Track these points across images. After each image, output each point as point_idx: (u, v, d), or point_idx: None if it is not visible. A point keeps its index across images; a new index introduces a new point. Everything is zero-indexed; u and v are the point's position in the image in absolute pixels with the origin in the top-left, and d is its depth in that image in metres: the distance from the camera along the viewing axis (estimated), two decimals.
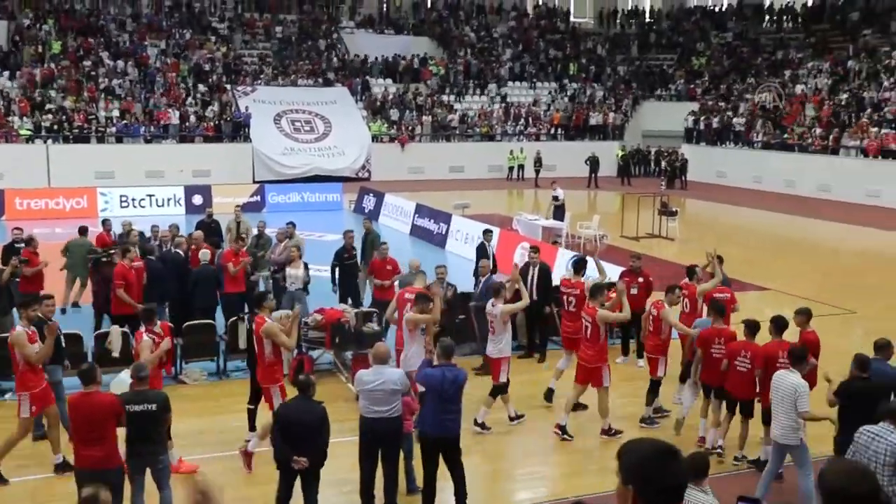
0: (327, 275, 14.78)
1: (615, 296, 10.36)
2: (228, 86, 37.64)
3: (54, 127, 32.84)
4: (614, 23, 50.99)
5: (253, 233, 15.76)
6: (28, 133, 32.35)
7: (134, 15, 40.84)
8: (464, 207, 24.49)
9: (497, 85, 43.43)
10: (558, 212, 23.37)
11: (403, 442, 8.22)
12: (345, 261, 14.20)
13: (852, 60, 37.74)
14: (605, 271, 12.32)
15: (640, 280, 12.55)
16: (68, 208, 26.57)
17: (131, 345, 11.26)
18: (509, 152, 38.71)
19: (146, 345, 8.82)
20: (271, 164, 34.32)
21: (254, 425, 9.61)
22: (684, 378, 10.90)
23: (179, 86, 36.94)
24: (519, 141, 40.10)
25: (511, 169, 38.65)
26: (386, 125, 38.77)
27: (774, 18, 45.98)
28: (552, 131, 41.55)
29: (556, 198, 23.82)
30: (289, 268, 13.32)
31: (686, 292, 11.10)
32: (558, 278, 13.69)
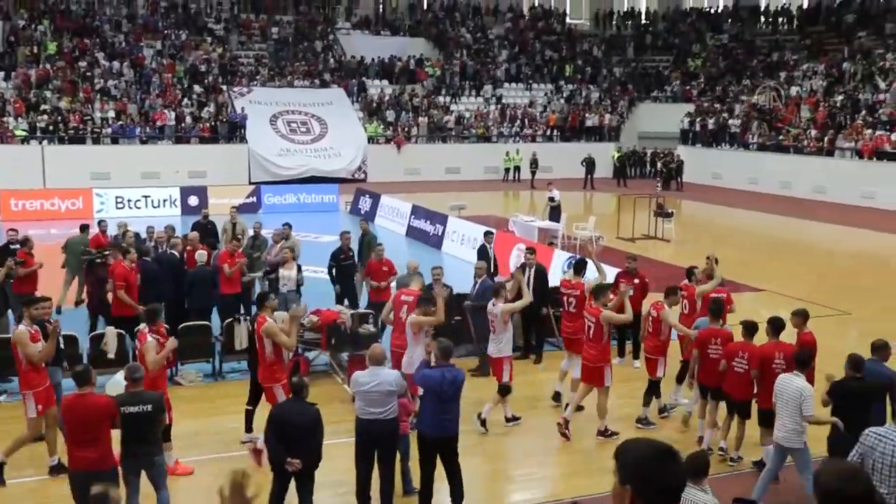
0: (323, 276, 14.78)
1: (616, 297, 10.40)
2: (224, 87, 37.60)
3: (50, 128, 32.77)
4: (610, 24, 51.06)
5: (249, 234, 15.73)
6: (23, 134, 32.26)
7: (129, 16, 40.77)
8: (460, 209, 24.50)
9: (493, 86, 43.45)
10: (554, 213, 23.38)
11: (400, 443, 8.21)
12: (341, 262, 14.20)
13: (847, 62, 37.83)
14: (605, 271, 12.34)
15: (636, 281, 12.55)
16: (64, 209, 26.52)
17: (127, 346, 11.28)
18: (505, 154, 38.70)
19: (151, 345, 8.68)
20: (267, 166, 34.30)
21: (251, 426, 9.60)
22: (681, 379, 10.92)
23: (175, 87, 36.88)
24: (515, 142, 40.11)
25: (507, 170, 38.64)
26: (382, 126, 38.75)
27: (770, 20, 46.13)
28: (548, 133, 41.57)
29: (552, 199, 23.83)
30: (282, 269, 13.31)
31: (685, 293, 11.17)
32: (554, 280, 13.71)
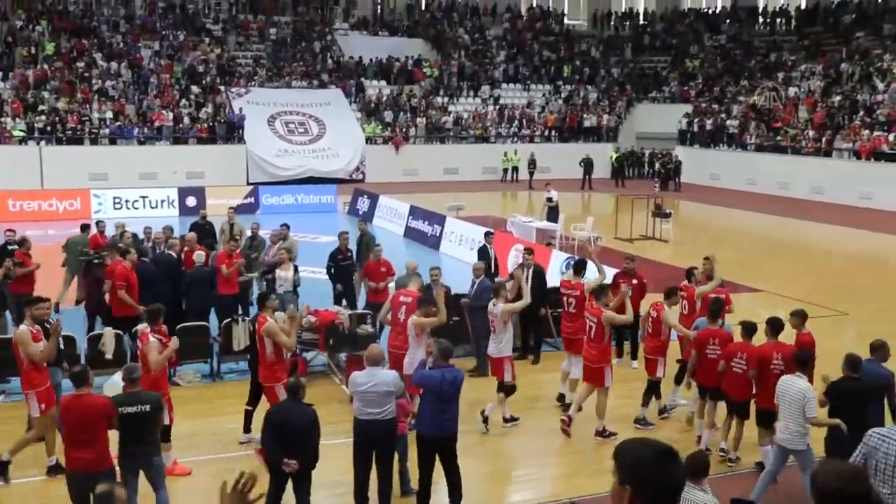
0: (320, 277, 14.77)
1: (617, 297, 10.41)
2: (222, 87, 37.58)
3: (47, 128, 32.73)
4: (608, 25, 51.08)
5: (246, 234, 15.72)
6: (21, 134, 32.22)
7: (127, 16, 40.73)
8: (458, 209, 24.48)
9: (491, 87, 43.45)
10: (552, 213, 23.38)
11: (398, 444, 8.20)
12: (339, 262, 14.21)
13: (845, 63, 37.85)
14: (605, 272, 12.34)
15: (634, 282, 12.55)
16: (61, 210, 26.50)
17: (125, 347, 11.27)
18: (503, 154, 38.70)
19: (153, 346, 8.65)
20: (265, 166, 34.28)
21: (249, 427, 9.58)
22: (680, 379, 10.93)
23: (173, 87, 36.85)
24: (513, 143, 40.11)
25: (505, 171, 38.63)
26: (380, 127, 38.74)
27: (768, 21, 46.16)
28: (546, 133, 41.55)
29: (549, 199, 23.83)
30: (279, 270, 13.32)
31: (685, 294, 11.21)
32: (552, 280, 13.71)
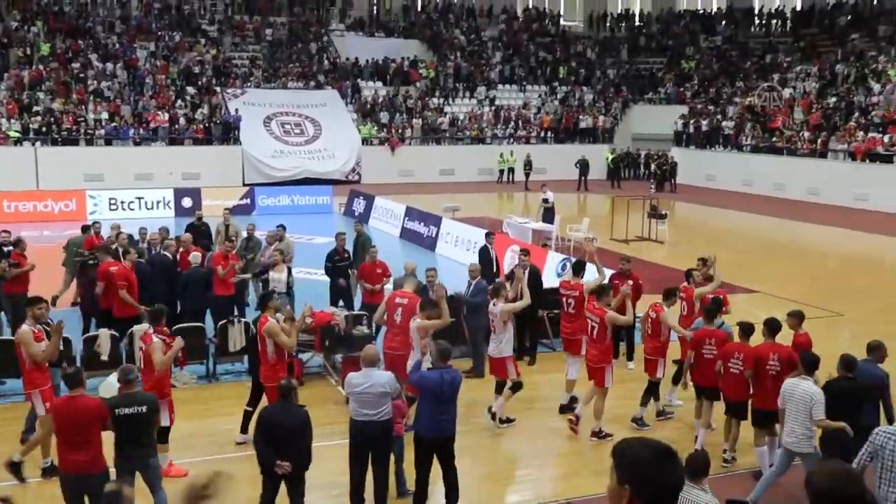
0: (316, 278, 14.77)
1: (617, 298, 10.43)
2: (218, 88, 37.56)
3: (43, 129, 32.66)
4: (604, 26, 51.13)
5: (242, 235, 15.70)
6: (16, 135, 32.17)
7: (123, 17, 40.70)
8: (454, 210, 24.46)
9: (487, 88, 43.47)
10: (548, 215, 23.39)
11: (394, 445, 8.19)
12: (337, 263, 14.20)
13: (840, 64, 37.93)
14: (605, 273, 12.36)
15: (630, 283, 12.55)
16: (57, 211, 26.45)
17: (120, 348, 11.25)
18: (499, 155, 38.74)
19: (157, 346, 8.59)
20: (261, 167, 34.25)
21: (247, 427, 9.56)
22: (677, 380, 10.94)
23: (169, 88, 36.82)
24: (509, 144, 40.16)
25: (501, 172, 38.69)
26: (376, 128, 38.75)
27: (764, 22, 46.24)
28: (542, 134, 41.59)
29: (545, 200, 23.83)
30: (272, 271, 13.31)
31: (684, 295, 11.26)
32: (547, 281, 13.72)
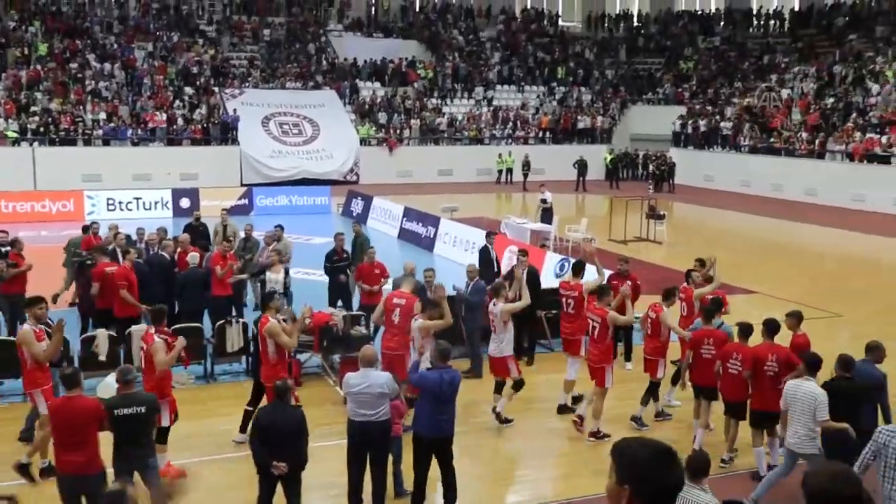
0: (314, 278, 14.76)
1: (617, 298, 10.44)
2: (216, 88, 37.52)
3: (40, 129, 32.61)
4: (602, 26, 51.15)
5: (240, 236, 15.70)
6: (14, 135, 32.12)
7: (121, 17, 40.65)
8: (452, 211, 24.46)
9: (485, 88, 43.47)
10: (546, 215, 23.39)
11: (392, 446, 8.19)
12: (336, 263, 14.20)
13: (838, 65, 37.98)
14: (605, 273, 12.36)
15: (628, 283, 12.56)
16: (55, 211, 26.42)
17: (118, 348, 11.24)
18: (498, 156, 38.74)
19: (159, 346, 8.58)
20: (259, 167, 34.24)
21: (246, 427, 9.55)
22: (676, 380, 10.95)
23: (167, 88, 36.79)
24: (507, 144, 40.15)
25: (499, 172, 38.69)
26: (374, 128, 38.74)
27: (762, 23, 46.29)
28: (540, 135, 41.60)
29: (544, 201, 23.83)
30: (269, 272, 13.31)
31: (683, 296, 11.29)
32: (545, 282, 13.72)
